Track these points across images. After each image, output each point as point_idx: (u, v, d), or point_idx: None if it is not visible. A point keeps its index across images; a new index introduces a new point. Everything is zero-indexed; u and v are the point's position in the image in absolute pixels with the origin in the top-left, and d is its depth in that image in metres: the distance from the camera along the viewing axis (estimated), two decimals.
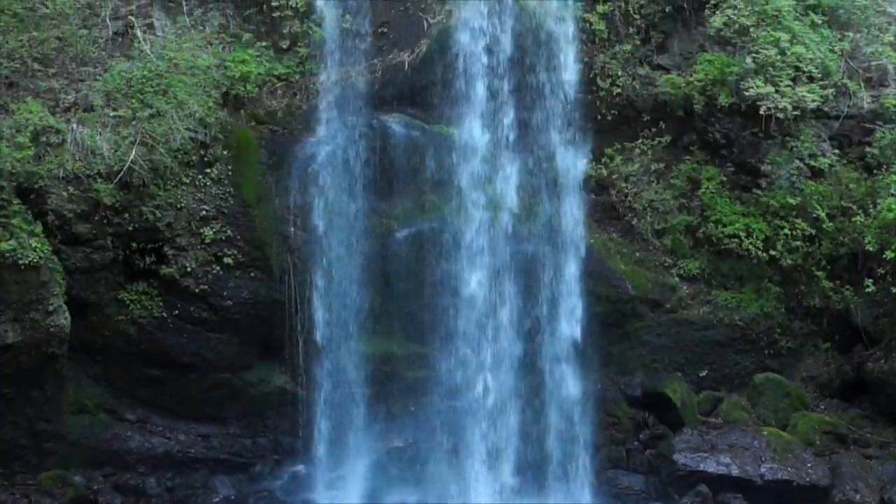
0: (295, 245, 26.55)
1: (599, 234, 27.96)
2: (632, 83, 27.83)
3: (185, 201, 25.68)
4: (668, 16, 28.04)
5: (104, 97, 24.83)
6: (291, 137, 27.20)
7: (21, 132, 23.38)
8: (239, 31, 27.35)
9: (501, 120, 27.22)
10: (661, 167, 27.94)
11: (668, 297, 27.60)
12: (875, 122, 26.97)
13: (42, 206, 23.95)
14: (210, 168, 26.01)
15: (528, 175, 27.39)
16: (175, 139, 24.87)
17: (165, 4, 27.02)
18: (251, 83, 26.72)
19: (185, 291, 25.95)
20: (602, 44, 28.00)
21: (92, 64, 25.50)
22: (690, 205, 27.66)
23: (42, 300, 23.60)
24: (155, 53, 25.50)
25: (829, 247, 26.91)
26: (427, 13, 27.64)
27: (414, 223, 27.10)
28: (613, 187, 28.14)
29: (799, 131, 26.76)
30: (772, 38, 25.81)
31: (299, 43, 27.58)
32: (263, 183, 26.59)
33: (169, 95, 24.88)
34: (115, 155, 24.25)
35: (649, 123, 28.06)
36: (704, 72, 26.78)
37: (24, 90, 24.46)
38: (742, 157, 27.35)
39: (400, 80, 27.56)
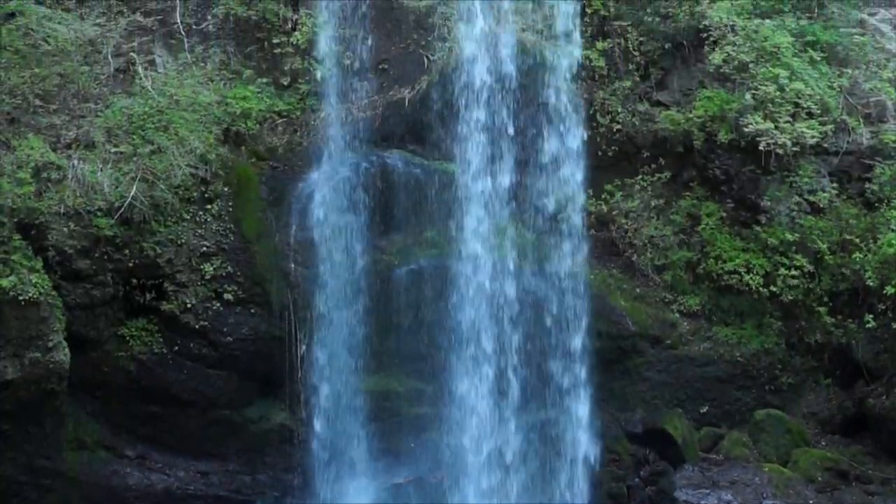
0: (295, 281, 26.51)
1: (600, 271, 27.95)
2: (631, 119, 27.94)
3: (185, 237, 25.69)
4: (668, 52, 28.19)
5: (105, 133, 24.85)
6: (292, 174, 27.25)
7: (22, 168, 23.36)
8: (240, 67, 27.45)
9: (503, 156, 27.24)
10: (661, 203, 27.99)
11: (668, 333, 27.55)
12: (874, 157, 27.02)
13: (42, 242, 23.89)
14: (211, 204, 26.04)
15: (529, 209, 27.38)
16: (176, 175, 24.88)
17: (167, 41, 27.14)
18: (252, 119, 26.79)
19: (186, 327, 25.91)
20: (602, 80, 28.15)
21: (93, 100, 25.53)
22: (690, 241, 27.68)
23: (42, 336, 23.52)
24: (156, 90, 25.57)
25: (830, 282, 26.89)
26: (428, 50, 27.78)
27: (414, 260, 27.07)
28: (613, 223, 28.18)
29: (798, 167, 26.81)
30: (771, 74, 25.91)
31: (300, 79, 27.68)
32: (264, 219, 26.61)
33: (170, 132, 24.93)
34: (115, 191, 24.23)
35: (649, 159, 28.14)
36: (704, 108, 26.90)
37: (26, 126, 24.48)
38: (742, 192, 27.38)
39: (400, 116, 27.66)
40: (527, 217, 27.48)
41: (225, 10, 27.33)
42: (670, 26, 27.91)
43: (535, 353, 26.80)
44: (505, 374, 26.63)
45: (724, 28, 26.59)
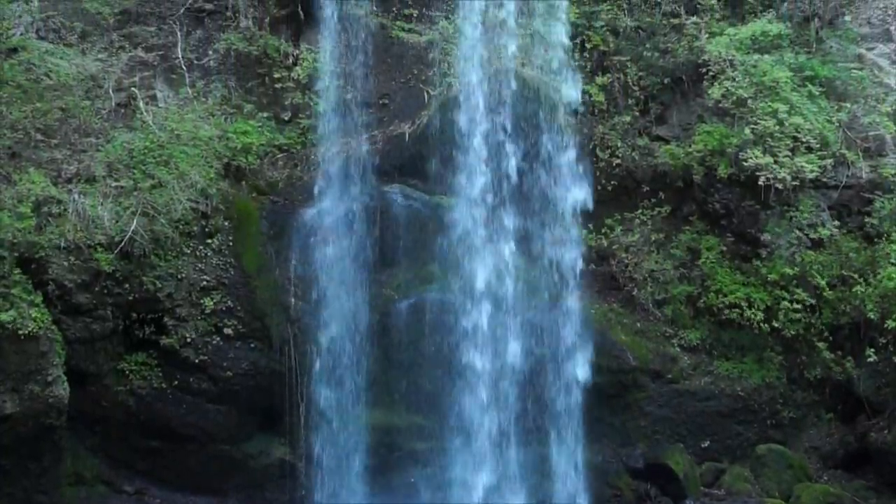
0: (295, 315, 26.49)
1: (600, 305, 27.94)
2: (631, 154, 28.03)
3: (185, 271, 25.69)
4: (667, 87, 28.35)
5: (106, 168, 24.93)
6: (292, 208, 27.29)
7: (23, 202, 23.42)
8: (241, 102, 27.60)
9: (502, 190, 27.29)
10: (661, 237, 28.03)
11: (669, 367, 27.49)
12: (874, 191, 27.08)
13: (43, 276, 23.90)
14: (211, 238, 26.07)
15: (529, 243, 27.40)
16: (176, 210, 24.93)
17: (168, 76, 27.28)
18: (252, 154, 26.89)
19: (185, 362, 25.85)
20: (601, 115, 28.30)
21: (94, 135, 25.63)
22: (691, 275, 27.69)
23: (41, 370, 23.44)
24: (157, 124, 25.70)
25: (831, 316, 26.85)
26: (428, 85, 27.89)
27: (415, 294, 27.07)
28: (614, 257, 28.21)
29: (798, 201, 26.86)
30: (770, 108, 26.02)
31: (301, 114, 27.82)
32: (264, 253, 26.62)
33: (170, 166, 25.02)
34: (116, 225, 24.27)
35: (649, 194, 28.21)
36: (703, 142, 27.02)
37: (27, 160, 24.55)
38: (742, 227, 27.42)
39: (401, 150, 27.75)
40: (527, 251, 27.49)
41: (226, 45, 27.53)
42: (669, 61, 28.08)
43: (535, 387, 26.77)
44: (506, 408, 26.59)
45: (722, 63, 26.74)
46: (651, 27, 28.43)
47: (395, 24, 28.03)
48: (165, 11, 27.27)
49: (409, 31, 28.06)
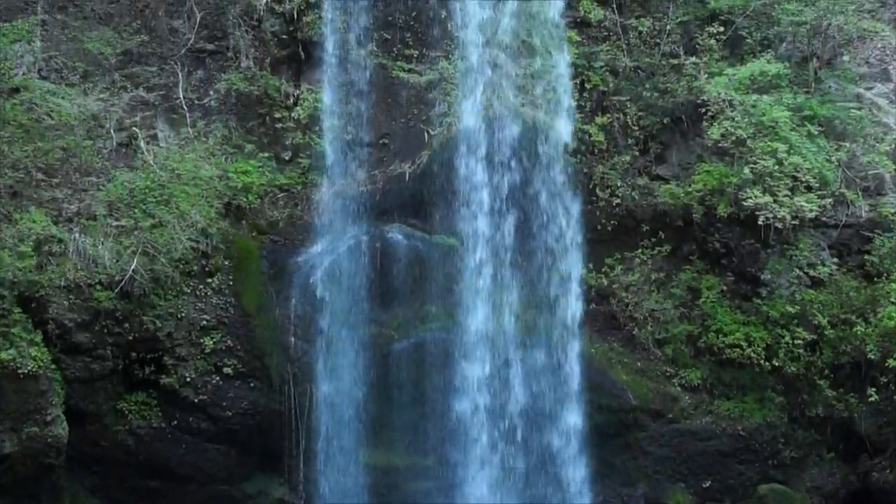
0: (295, 355, 26.48)
1: (600, 344, 27.89)
2: (631, 193, 28.08)
3: (185, 311, 25.71)
4: (667, 127, 28.44)
5: (107, 207, 24.99)
6: (293, 247, 27.33)
7: (23, 241, 23.45)
8: (242, 142, 27.66)
9: (502, 229, 27.35)
10: (662, 276, 28.03)
11: (669, 407, 27.41)
12: (874, 230, 27.15)
13: (43, 315, 23.92)
14: (211, 278, 26.10)
15: (530, 283, 27.40)
16: (176, 249, 24.96)
17: (169, 116, 27.37)
18: (253, 193, 26.95)
19: (185, 401, 25.84)
20: (601, 154, 28.35)
21: (95, 174, 25.70)
22: (691, 314, 27.66)
23: (40, 410, 23.40)
24: (158, 164, 25.78)
25: (831, 355, 26.81)
26: (428, 125, 27.96)
27: (415, 333, 27.06)
28: (614, 297, 28.18)
29: (798, 240, 26.88)
30: (769, 148, 26.05)
31: (301, 154, 27.87)
32: (264, 293, 26.63)
33: (171, 205, 25.06)
34: (116, 264, 24.29)
35: (649, 233, 28.24)
36: (703, 182, 27.06)
37: (28, 199, 24.62)
38: (742, 266, 27.43)
39: (401, 190, 27.80)
40: (527, 290, 27.49)
41: (227, 85, 27.63)
42: (669, 101, 28.18)
43: (535, 426, 26.70)
44: (507, 448, 26.52)
45: (722, 103, 26.81)
46: (650, 67, 28.54)
47: (395, 65, 28.14)
48: (167, 52, 27.41)
49: (410, 71, 28.16)
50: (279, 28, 28.10)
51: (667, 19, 28.70)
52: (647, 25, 28.68)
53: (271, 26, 27.99)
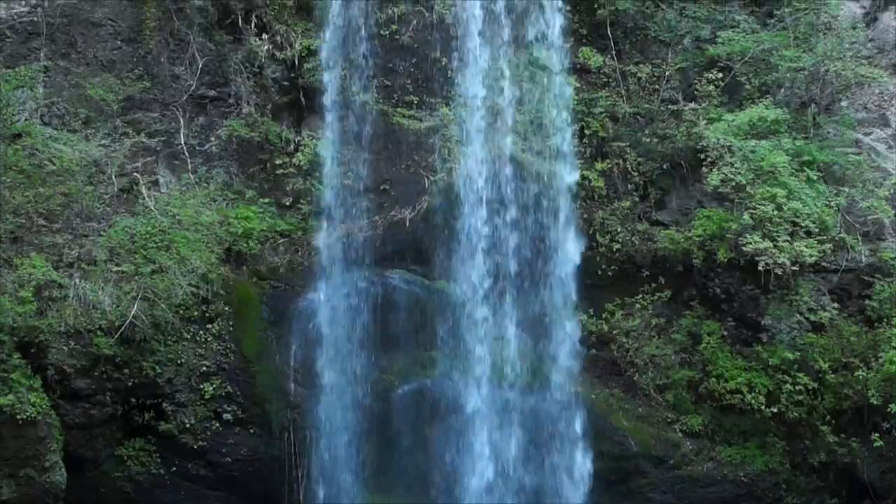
0: (295, 401, 26.43)
1: (601, 390, 27.82)
2: (631, 239, 28.12)
3: (185, 357, 25.70)
4: (666, 173, 28.52)
5: (108, 252, 24.99)
6: (293, 293, 27.34)
7: (24, 287, 23.44)
8: (243, 188, 27.73)
9: (502, 275, 27.37)
10: (662, 322, 28.01)
11: (671, 453, 27.30)
12: (874, 275, 27.10)
13: (42, 361, 23.89)
14: (211, 323, 26.11)
15: (531, 328, 27.38)
16: (177, 295, 24.93)
17: (170, 162, 27.47)
18: (254, 239, 26.98)
19: (184, 448, 25.78)
20: (601, 200, 28.41)
21: (96, 220, 25.75)
22: (692, 360, 27.61)
23: (39, 456, 23.35)
24: (159, 210, 25.81)
25: (833, 401, 26.70)
26: (428, 171, 28.03)
27: (415, 379, 27.04)
28: (614, 343, 28.14)
29: (798, 285, 26.84)
30: (768, 194, 26.06)
31: (302, 200, 27.93)
32: (264, 339, 26.62)
33: (172, 251, 25.05)
34: (116, 310, 24.25)
35: (649, 278, 28.25)
36: (703, 227, 27.06)
37: (29, 245, 24.66)
38: (742, 311, 27.42)
39: (401, 236, 27.83)
40: (528, 335, 27.48)
41: (228, 131, 27.75)
42: (668, 147, 28.28)
43: (536, 472, 26.59)
44: (507, 493, 26.40)
45: (721, 149, 26.85)
46: (650, 114, 28.68)
47: (395, 111, 28.27)
48: (169, 98, 27.55)
49: (410, 117, 28.28)
50: (280, 74, 28.28)
51: (666, 66, 28.87)
52: (646, 72, 28.87)
53: (272, 73, 28.18)
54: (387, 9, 28.50)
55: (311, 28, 28.34)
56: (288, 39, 28.15)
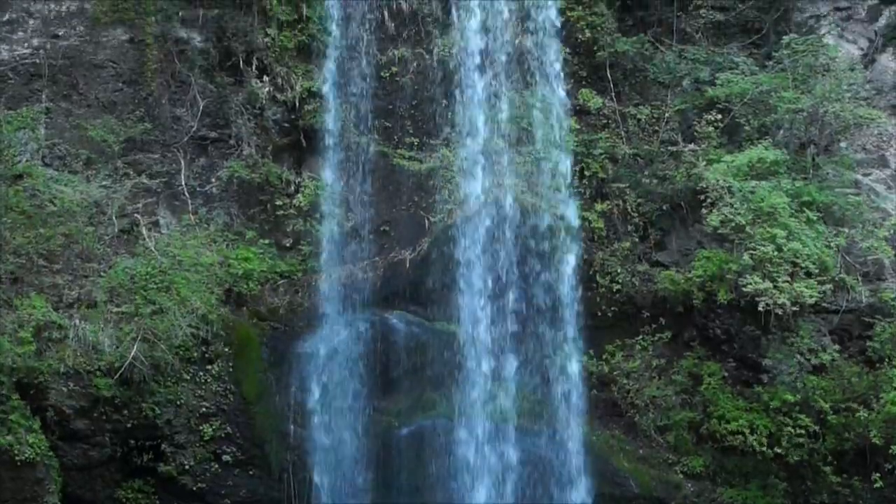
0: (295, 443, 26.35)
1: (602, 432, 27.73)
2: (631, 280, 28.13)
3: (185, 398, 25.64)
4: (666, 214, 28.57)
5: (108, 293, 24.98)
6: (293, 334, 27.35)
7: (23, 327, 23.43)
8: (243, 229, 27.80)
9: (503, 316, 27.36)
10: (663, 363, 27.95)
11: (672, 495, 27.12)
12: (874, 315, 27.05)
13: (41, 402, 23.84)
14: (211, 365, 26.07)
15: (531, 369, 27.34)
16: (177, 335, 24.91)
17: (171, 203, 27.53)
18: (254, 280, 26.98)
19: (183, 489, 25.66)
20: (601, 241, 28.45)
21: (97, 260, 25.77)
22: (693, 401, 27.53)
23: (37, 497, 23.26)
24: (159, 250, 25.81)
25: (835, 442, 26.57)
26: (429, 212, 28.12)
27: (415, 421, 26.94)
28: (615, 384, 28.06)
29: (798, 326, 26.80)
30: (768, 234, 26.05)
31: (302, 241, 27.99)
32: (264, 380, 26.58)
33: (172, 292, 25.02)
34: (116, 351, 24.22)
35: (649, 319, 28.22)
36: (703, 268, 27.04)
37: (29, 285, 24.65)
38: (743, 352, 27.39)
39: (401, 277, 27.87)
40: (528, 376, 27.43)
41: (229, 172, 27.83)
42: (668, 188, 28.33)
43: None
44: None
45: (720, 189, 26.87)
46: (649, 155, 28.77)
47: (396, 152, 28.41)
48: (170, 139, 27.66)
49: (410, 158, 28.40)
50: (281, 116, 28.43)
51: (665, 107, 29.01)
52: (645, 113, 28.99)
53: (273, 114, 28.32)
54: (387, 51, 28.74)
55: (311, 70, 28.53)
56: (289, 81, 28.32)
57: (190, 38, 27.93)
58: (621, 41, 29.07)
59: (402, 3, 28.90)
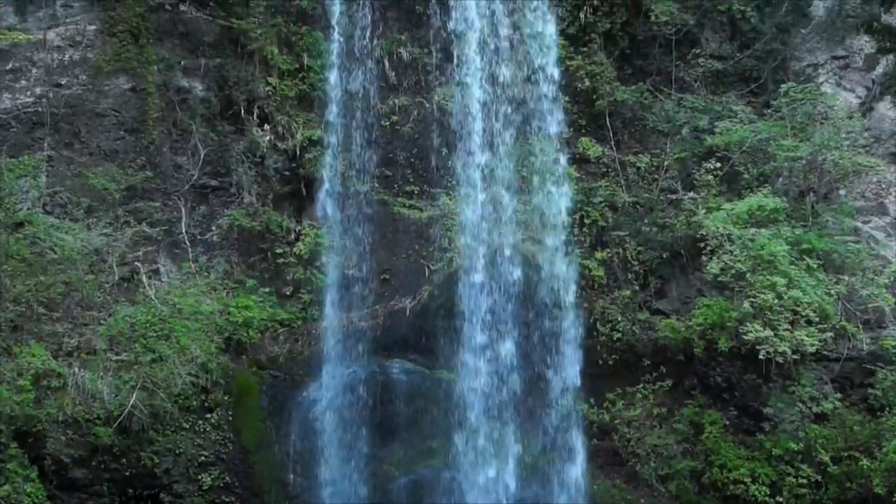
0: (294, 492, 26.26)
1: (603, 481, 27.58)
2: (632, 328, 28.11)
3: (184, 447, 25.54)
4: (666, 262, 28.57)
5: (107, 341, 24.92)
6: (293, 383, 27.29)
7: (23, 375, 23.36)
8: (243, 277, 27.81)
9: (502, 365, 27.29)
10: (664, 411, 27.87)
11: None
12: (876, 363, 26.99)
13: (40, 450, 23.74)
14: (210, 413, 25.99)
15: (531, 418, 27.23)
16: (176, 384, 24.83)
17: (171, 251, 27.54)
18: (254, 329, 26.96)
19: None
20: (601, 289, 28.45)
21: (97, 308, 25.72)
22: (694, 449, 27.41)
23: None
24: (159, 299, 25.80)
25: (837, 491, 26.38)
26: (429, 260, 28.16)
27: (415, 470, 26.83)
28: (616, 432, 27.97)
29: (800, 374, 26.74)
30: (768, 282, 26.05)
31: (302, 289, 27.99)
32: (264, 429, 26.48)
33: (171, 340, 24.97)
34: (115, 399, 24.13)
35: (650, 368, 28.17)
36: (703, 316, 27.01)
37: (28, 333, 24.60)
38: (744, 400, 27.30)
39: (401, 325, 27.87)
40: (528, 425, 27.32)
41: (230, 221, 27.89)
42: (668, 236, 28.38)
43: None
44: None
45: (720, 237, 26.92)
46: (649, 203, 28.85)
47: (396, 201, 28.50)
48: (171, 187, 27.71)
49: (411, 207, 28.51)
50: (282, 165, 28.53)
51: (664, 156, 29.14)
52: (645, 162, 29.10)
53: (274, 163, 28.43)
54: (388, 100, 28.91)
55: (312, 119, 28.68)
56: (289, 130, 28.46)
57: (192, 87, 28.09)
58: (621, 90, 29.25)
59: (402, 53, 29.13)
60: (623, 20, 29.52)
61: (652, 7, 29.30)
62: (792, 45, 29.81)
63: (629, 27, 29.62)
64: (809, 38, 29.90)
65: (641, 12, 29.49)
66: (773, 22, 29.62)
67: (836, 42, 29.70)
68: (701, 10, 29.85)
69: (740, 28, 29.81)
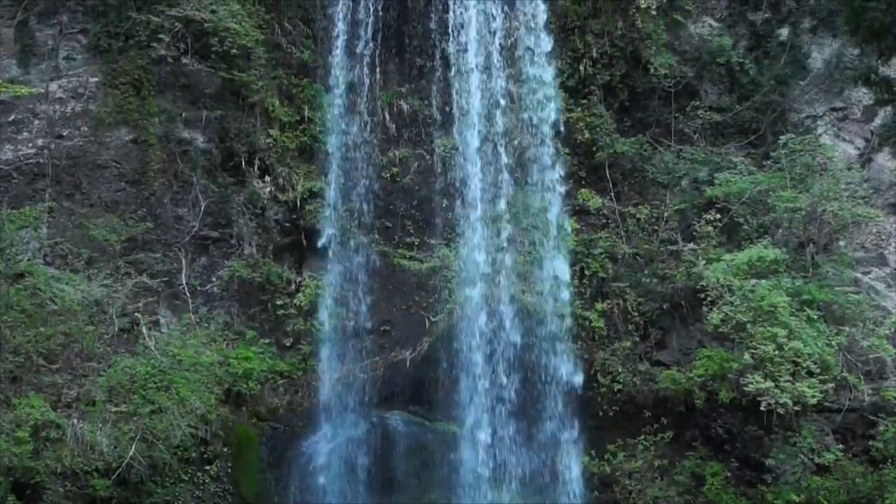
0: None
1: None
2: (632, 379, 28.04)
3: (183, 499, 25.43)
4: (666, 313, 28.56)
5: (107, 392, 24.82)
6: (293, 435, 27.23)
7: (21, 427, 23.23)
8: (243, 328, 27.81)
9: (503, 416, 27.22)
10: (665, 463, 27.75)
11: None
12: (877, 414, 26.93)
13: (38, 502, 23.62)
14: (209, 465, 25.91)
15: (531, 471, 27.13)
16: (175, 435, 24.71)
17: (171, 302, 27.54)
18: (253, 380, 26.90)
19: None
20: (601, 341, 28.41)
21: (96, 359, 25.68)
22: (696, 501, 27.29)
23: None
24: (159, 350, 25.74)
25: None
26: (429, 311, 28.17)
27: None
28: (617, 484, 27.83)
29: (801, 426, 26.64)
30: (769, 333, 25.96)
31: (302, 340, 28.00)
32: (263, 481, 26.42)
33: (171, 392, 24.89)
34: (114, 451, 24.02)
35: (651, 419, 28.08)
36: (704, 367, 26.94)
37: (28, 384, 24.55)
38: (746, 451, 27.23)
39: (402, 377, 27.84)
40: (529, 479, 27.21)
41: (230, 272, 27.93)
42: (668, 287, 28.38)
43: None
44: None
45: (720, 288, 26.89)
46: (649, 254, 28.86)
47: (396, 252, 28.56)
48: (171, 239, 27.76)
49: (411, 258, 28.55)
50: (282, 216, 28.61)
51: (664, 207, 29.17)
52: (645, 213, 29.14)
53: (274, 214, 28.51)
54: (388, 152, 29.05)
55: (313, 170, 28.79)
56: (290, 182, 28.56)
57: (193, 139, 28.21)
58: (620, 142, 29.36)
59: (402, 105, 29.29)
60: (622, 73, 29.69)
61: (651, 60, 29.46)
62: (790, 97, 29.94)
63: (628, 79, 29.78)
64: (808, 90, 30.06)
65: (641, 65, 29.64)
66: (771, 74, 29.79)
67: (834, 94, 29.84)
68: (700, 62, 30.03)
69: (739, 80, 29.97)
